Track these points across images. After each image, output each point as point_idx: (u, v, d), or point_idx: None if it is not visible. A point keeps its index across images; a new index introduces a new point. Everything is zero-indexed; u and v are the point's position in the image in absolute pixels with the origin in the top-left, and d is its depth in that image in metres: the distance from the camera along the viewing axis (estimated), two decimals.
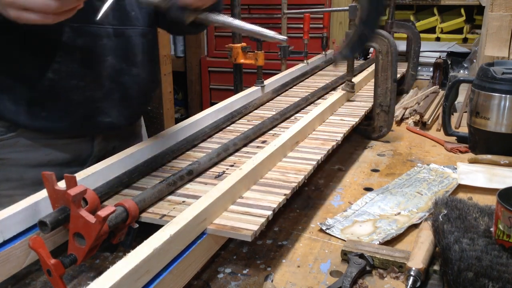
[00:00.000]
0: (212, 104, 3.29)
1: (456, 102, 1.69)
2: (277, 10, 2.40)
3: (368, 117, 1.47)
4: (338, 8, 1.65)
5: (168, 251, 0.69)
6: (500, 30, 1.69)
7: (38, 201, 0.79)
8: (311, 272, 0.82)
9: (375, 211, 1.01)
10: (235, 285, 0.79)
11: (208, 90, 3.30)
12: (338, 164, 1.29)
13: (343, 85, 1.52)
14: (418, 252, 0.80)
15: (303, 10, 1.97)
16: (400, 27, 1.95)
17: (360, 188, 1.15)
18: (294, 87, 1.73)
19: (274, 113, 1.34)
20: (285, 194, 0.88)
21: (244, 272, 0.83)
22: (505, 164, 1.22)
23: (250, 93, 1.51)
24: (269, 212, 0.81)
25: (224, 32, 3.18)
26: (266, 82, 1.63)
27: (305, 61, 1.99)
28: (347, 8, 1.42)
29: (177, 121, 3.34)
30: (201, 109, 3.35)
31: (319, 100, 1.52)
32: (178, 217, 0.73)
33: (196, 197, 0.84)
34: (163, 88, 3.07)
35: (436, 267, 0.80)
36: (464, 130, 1.46)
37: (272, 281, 0.79)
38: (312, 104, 1.48)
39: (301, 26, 2.05)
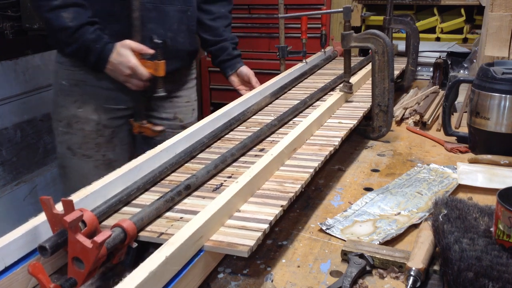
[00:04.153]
0: (212, 104, 3.31)
1: (456, 102, 1.69)
2: (277, 10, 2.40)
3: (367, 117, 1.47)
4: (333, 10, 1.64)
5: (164, 272, 0.68)
6: (500, 30, 1.69)
7: (38, 225, 0.79)
8: (311, 272, 0.82)
9: (375, 211, 1.01)
10: (235, 285, 0.79)
11: (208, 90, 3.29)
12: (338, 164, 1.29)
13: (341, 85, 1.51)
14: (418, 252, 0.80)
15: (299, 14, 1.97)
16: (398, 23, 1.95)
17: (360, 188, 1.15)
18: (293, 88, 1.72)
19: (272, 118, 1.33)
20: (281, 206, 0.88)
21: (244, 272, 0.83)
22: (505, 164, 1.22)
23: (248, 98, 1.49)
24: (266, 226, 0.81)
25: None
26: (264, 84, 1.62)
27: (304, 61, 1.99)
28: (341, 9, 1.41)
29: None
30: (201, 109, 3.35)
31: (318, 102, 1.52)
32: (174, 237, 0.73)
33: (194, 212, 0.84)
34: None
35: (436, 267, 0.81)
36: (464, 130, 1.46)
37: (272, 281, 0.79)
38: (310, 107, 1.48)
39: (300, 25, 2.05)
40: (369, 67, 1.83)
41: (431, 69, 2.09)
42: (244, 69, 1.74)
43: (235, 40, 1.76)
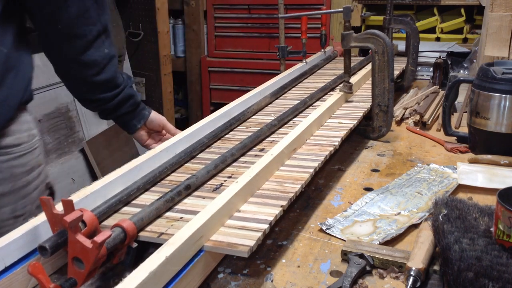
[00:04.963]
0: (212, 104, 3.31)
1: (456, 102, 1.69)
2: (277, 10, 2.41)
3: (367, 117, 1.47)
4: (333, 10, 1.64)
5: (165, 273, 0.68)
6: (500, 30, 1.69)
7: (38, 225, 0.79)
8: (311, 272, 0.82)
9: (375, 211, 1.01)
10: (235, 285, 0.79)
11: (208, 90, 3.30)
12: (338, 164, 1.29)
13: (341, 85, 1.51)
14: (418, 252, 0.80)
15: (299, 14, 1.97)
16: (398, 23, 1.95)
17: (360, 188, 1.15)
18: (293, 88, 1.72)
19: (272, 118, 1.33)
20: (281, 206, 0.88)
21: (244, 272, 0.83)
22: (505, 164, 1.22)
23: (248, 98, 1.49)
24: (266, 226, 0.81)
25: (224, 32, 3.18)
26: (264, 84, 1.62)
27: (303, 61, 1.99)
28: (341, 9, 1.41)
29: (177, 121, 3.34)
30: (201, 109, 3.36)
31: (318, 102, 1.51)
32: (174, 237, 0.73)
33: (194, 212, 0.84)
34: (163, 88, 3.07)
35: (436, 267, 0.81)
36: (464, 130, 1.46)
37: (272, 281, 0.79)
38: (310, 107, 1.48)
39: (300, 26, 2.05)
40: (369, 67, 1.83)
41: (431, 69, 2.09)
42: (155, 116, 1.29)
43: (131, 80, 1.23)
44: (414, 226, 0.95)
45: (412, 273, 0.76)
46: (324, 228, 0.95)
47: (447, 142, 1.41)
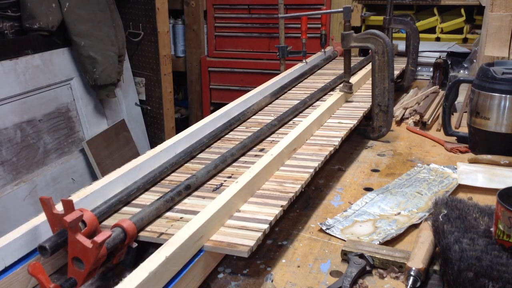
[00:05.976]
0: (212, 104, 3.31)
1: (456, 102, 1.69)
2: (277, 10, 2.41)
3: (367, 117, 1.47)
4: (333, 10, 1.64)
5: (164, 272, 0.69)
6: (500, 30, 1.69)
7: (38, 225, 0.79)
8: (311, 272, 0.82)
9: (375, 211, 1.01)
10: (235, 285, 0.79)
11: (208, 90, 3.30)
12: (338, 164, 1.29)
13: (341, 85, 1.51)
14: (418, 252, 0.80)
15: (299, 14, 1.97)
16: (398, 23, 1.95)
17: (360, 188, 1.15)
18: (293, 88, 1.72)
19: (272, 118, 1.33)
20: (281, 206, 0.88)
21: (244, 272, 0.83)
22: (505, 164, 1.22)
23: (249, 98, 1.49)
24: (266, 226, 0.81)
25: (224, 32, 3.18)
26: (264, 84, 1.62)
27: (303, 61, 1.99)
28: (341, 9, 1.41)
29: (177, 121, 3.34)
30: (201, 109, 3.36)
31: (318, 102, 1.51)
32: (174, 237, 0.73)
33: (194, 212, 0.84)
34: (163, 88, 3.07)
35: (436, 267, 0.81)
36: (464, 130, 1.46)
37: (272, 281, 0.79)
38: (310, 107, 1.48)
39: (300, 26, 2.05)
40: (369, 67, 1.83)
41: (431, 69, 2.09)
42: None
43: None
44: (414, 226, 0.95)
45: (412, 273, 0.76)
46: (324, 228, 0.95)
47: (447, 142, 1.41)
